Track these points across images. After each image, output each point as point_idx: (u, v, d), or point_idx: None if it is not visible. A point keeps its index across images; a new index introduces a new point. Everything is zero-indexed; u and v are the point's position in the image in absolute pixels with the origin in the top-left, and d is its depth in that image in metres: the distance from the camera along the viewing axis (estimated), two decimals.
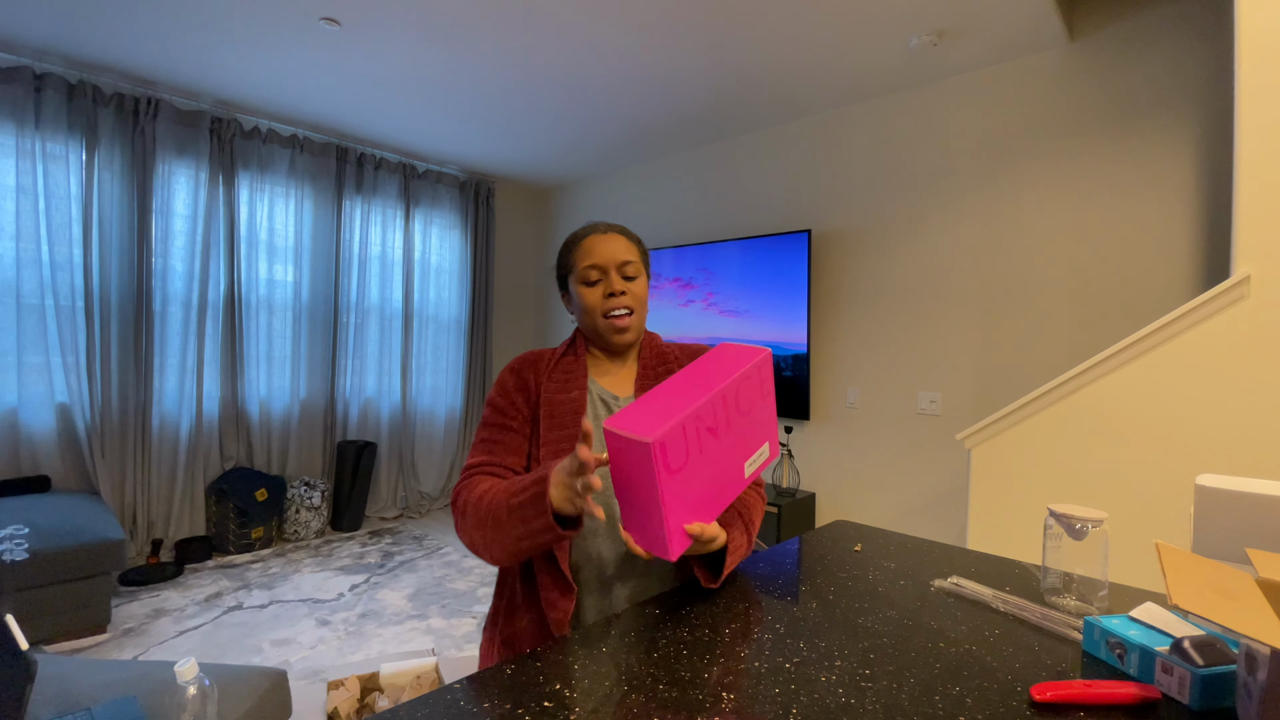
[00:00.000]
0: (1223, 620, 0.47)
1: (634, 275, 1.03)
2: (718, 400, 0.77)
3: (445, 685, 0.62)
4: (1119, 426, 1.75)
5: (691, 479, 0.74)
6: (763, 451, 0.86)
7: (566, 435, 0.94)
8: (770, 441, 0.87)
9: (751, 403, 0.82)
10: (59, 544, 2.23)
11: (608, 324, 1.00)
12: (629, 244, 1.04)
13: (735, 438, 0.80)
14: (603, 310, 1.00)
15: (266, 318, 3.58)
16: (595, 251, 1.01)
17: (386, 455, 4.10)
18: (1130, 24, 2.28)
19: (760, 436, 0.85)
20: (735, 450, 0.80)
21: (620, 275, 1.01)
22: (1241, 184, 1.57)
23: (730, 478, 0.80)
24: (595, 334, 1.03)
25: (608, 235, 1.03)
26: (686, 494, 0.73)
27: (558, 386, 1.00)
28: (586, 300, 1.01)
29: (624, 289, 1.00)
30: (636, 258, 1.04)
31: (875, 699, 0.60)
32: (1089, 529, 0.82)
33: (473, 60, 2.70)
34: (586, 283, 1.01)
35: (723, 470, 0.79)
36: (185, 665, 0.84)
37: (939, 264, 2.77)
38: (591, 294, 1.01)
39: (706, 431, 0.75)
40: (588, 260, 1.01)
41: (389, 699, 1.85)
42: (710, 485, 0.77)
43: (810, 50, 2.53)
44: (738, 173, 3.58)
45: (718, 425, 0.77)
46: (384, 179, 4.01)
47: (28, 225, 2.79)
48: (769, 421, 0.87)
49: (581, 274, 1.01)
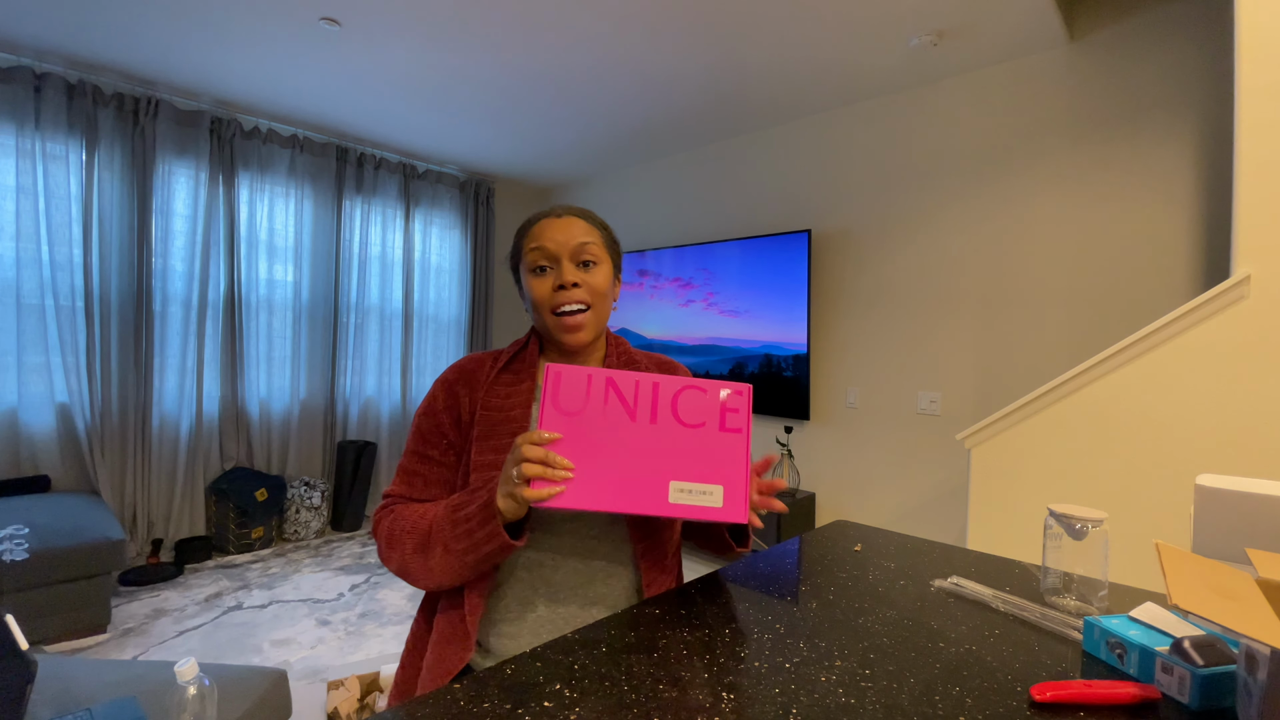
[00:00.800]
0: (1223, 620, 0.47)
1: (593, 261, 0.89)
2: (642, 382, 0.76)
3: (445, 685, 0.62)
4: (1119, 426, 1.75)
5: (584, 436, 0.74)
6: (709, 493, 0.75)
7: (503, 460, 0.82)
8: (728, 493, 0.75)
9: (701, 425, 0.77)
10: (59, 544, 2.23)
11: (556, 321, 0.87)
12: (588, 226, 0.90)
13: (664, 442, 0.75)
14: (551, 305, 0.87)
15: (266, 318, 3.58)
16: (544, 236, 0.88)
17: (386, 455, 4.10)
18: (1130, 24, 2.28)
19: (712, 474, 0.75)
20: (658, 453, 0.75)
21: (574, 263, 0.87)
22: (1241, 184, 1.57)
23: (641, 479, 0.74)
24: (546, 332, 0.90)
25: (563, 219, 0.89)
26: (574, 454, 0.73)
27: (498, 400, 0.87)
28: (534, 292, 0.88)
29: (577, 279, 0.86)
30: (597, 240, 0.90)
31: (875, 699, 0.60)
32: (1089, 529, 0.82)
33: (473, 60, 2.70)
34: (534, 270, 0.88)
35: (631, 462, 0.74)
36: (185, 665, 0.84)
37: (939, 264, 2.77)
38: (539, 285, 0.88)
39: (620, 401, 0.75)
40: (535, 244, 0.88)
41: (389, 699, 1.85)
42: (610, 467, 0.74)
43: (810, 50, 2.53)
44: (738, 173, 3.58)
45: (637, 409, 0.75)
46: (384, 179, 4.01)
47: (28, 225, 2.79)
48: (730, 466, 0.76)
49: (530, 262, 0.88)
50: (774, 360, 3.22)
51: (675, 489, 0.75)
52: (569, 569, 0.86)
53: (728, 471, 0.76)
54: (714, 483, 0.76)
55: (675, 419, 0.77)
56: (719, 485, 0.76)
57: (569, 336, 0.88)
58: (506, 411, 0.87)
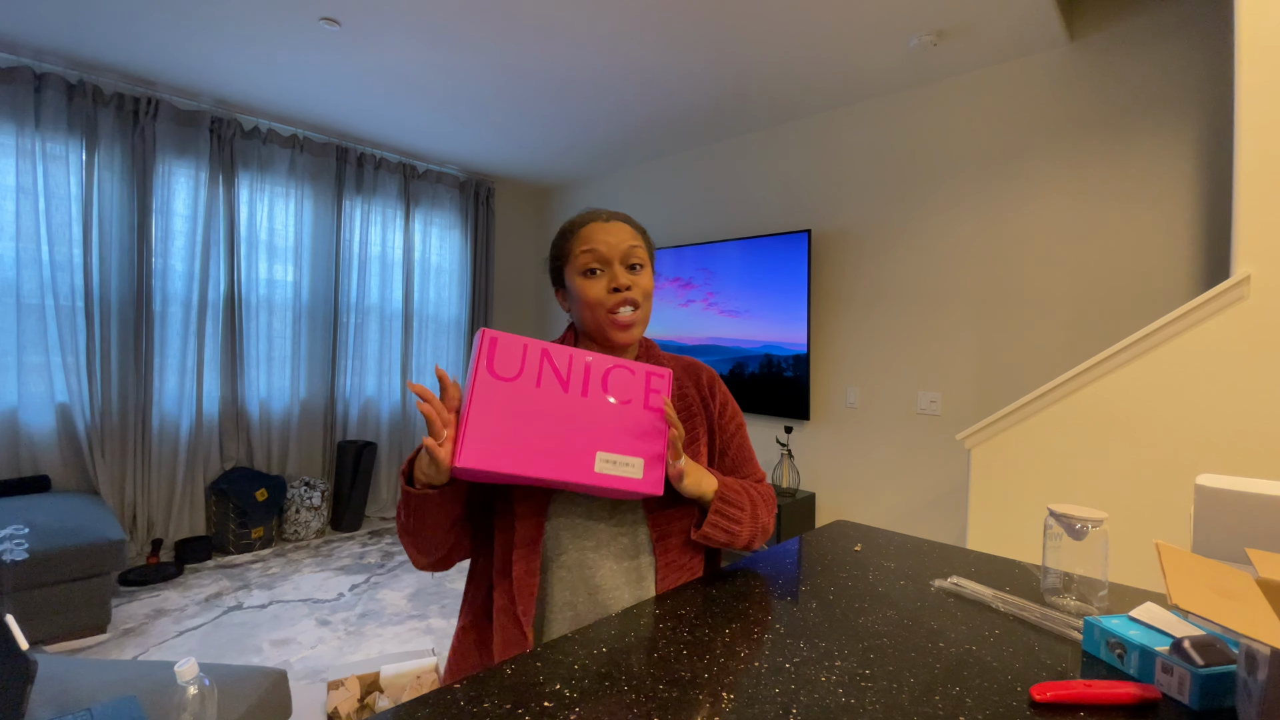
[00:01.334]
0: (1223, 620, 0.47)
1: (639, 264, 0.94)
2: (576, 357, 0.82)
3: (445, 685, 0.62)
4: (1119, 426, 1.75)
5: (516, 403, 0.78)
6: (630, 464, 0.80)
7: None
8: (649, 468, 0.81)
9: (628, 402, 0.83)
10: (59, 544, 2.23)
11: (610, 319, 0.92)
12: (633, 230, 0.95)
13: (593, 414, 0.81)
14: (607, 306, 0.91)
15: (266, 318, 3.58)
16: (596, 239, 0.92)
17: (386, 455, 4.10)
18: (1130, 24, 2.28)
19: (635, 447, 0.81)
20: (587, 425, 0.80)
21: (624, 266, 0.92)
22: (1241, 184, 1.57)
23: (570, 447, 0.79)
24: (597, 330, 0.94)
25: (610, 223, 0.94)
26: (506, 417, 0.77)
27: None
28: (587, 293, 0.92)
29: (629, 282, 0.92)
30: (641, 244, 0.95)
31: (875, 699, 0.60)
32: (1089, 529, 0.82)
33: (473, 60, 2.70)
34: (586, 273, 0.92)
35: (562, 430, 0.79)
36: (185, 665, 0.84)
37: (939, 264, 2.77)
38: (592, 286, 0.92)
39: (554, 373, 0.80)
40: (586, 247, 0.92)
41: (389, 699, 1.85)
42: (542, 434, 0.78)
43: (810, 50, 2.53)
44: (738, 173, 3.58)
45: (570, 382, 0.81)
46: (384, 179, 4.01)
47: (28, 225, 2.80)
48: (651, 441, 0.82)
49: (580, 264, 0.92)
50: (774, 360, 3.22)
51: (601, 459, 0.79)
52: (606, 569, 0.88)
53: (648, 446, 0.82)
54: (636, 455, 0.81)
55: (604, 394, 0.82)
56: (640, 458, 0.81)
57: (622, 335, 0.93)
58: None
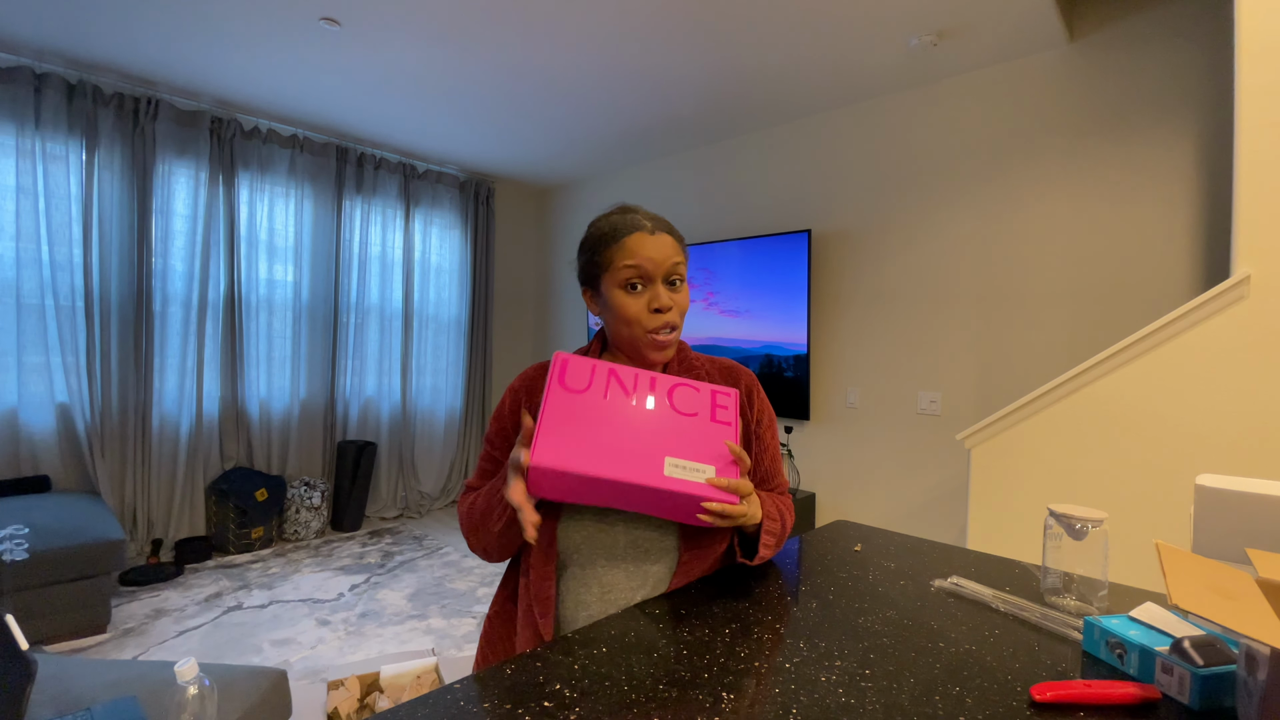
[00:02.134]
0: (1223, 620, 0.47)
1: (679, 283, 0.92)
2: (641, 375, 0.86)
3: (445, 685, 0.62)
4: (1119, 426, 1.75)
5: (586, 410, 0.81)
6: (700, 470, 0.79)
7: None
8: (720, 473, 0.80)
9: (694, 414, 0.85)
10: (59, 544, 2.23)
11: (650, 339, 0.90)
12: (676, 245, 0.92)
13: (660, 424, 0.83)
14: (647, 327, 0.90)
15: (266, 318, 3.58)
16: (641, 254, 0.88)
17: (386, 455, 4.10)
18: (1130, 24, 2.28)
19: (701, 454, 0.81)
20: (655, 433, 0.81)
21: (666, 284, 0.90)
22: (1241, 184, 1.57)
23: (639, 451, 0.79)
24: (630, 346, 0.93)
25: (656, 236, 0.90)
26: (577, 423, 0.79)
27: None
28: (626, 310, 0.89)
29: (671, 303, 0.90)
30: (683, 259, 0.93)
31: (875, 699, 0.60)
32: (1089, 529, 0.82)
33: (472, 60, 2.70)
34: (627, 288, 0.89)
35: (631, 435, 0.80)
36: (185, 665, 0.84)
37: (939, 264, 2.77)
38: (633, 303, 0.89)
39: (620, 387, 0.84)
40: (631, 262, 0.88)
41: (389, 699, 1.85)
42: (612, 437, 0.79)
43: (810, 50, 2.53)
44: (738, 173, 3.58)
45: (635, 394, 0.84)
46: (384, 179, 4.01)
47: (28, 225, 2.80)
48: (720, 451, 0.82)
49: (621, 278, 0.89)
50: (775, 360, 3.22)
51: (670, 464, 0.79)
52: (620, 573, 0.88)
53: (718, 456, 0.82)
54: (706, 462, 0.81)
55: (671, 407, 0.85)
56: (711, 465, 0.81)
57: (659, 355, 0.94)
58: None
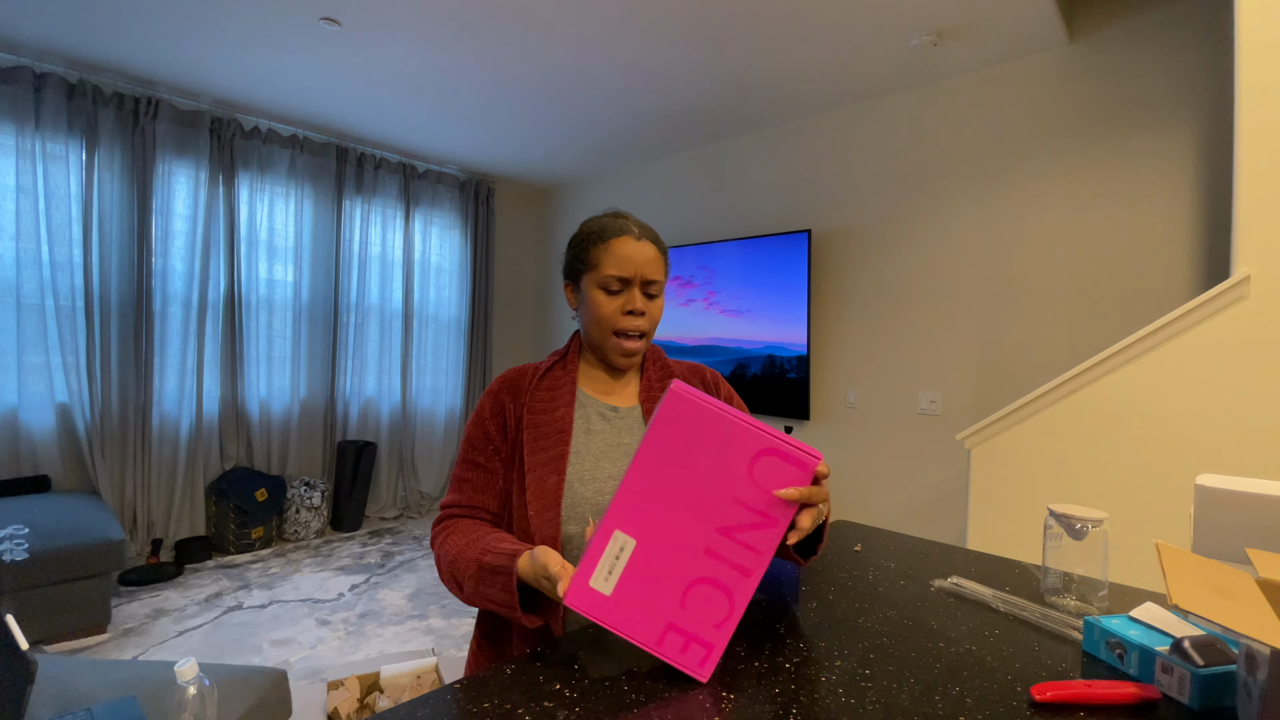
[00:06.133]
0: (1223, 620, 0.47)
1: (656, 293, 0.94)
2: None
3: (445, 685, 0.62)
4: (1119, 426, 1.75)
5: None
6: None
7: (551, 457, 0.88)
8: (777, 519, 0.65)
9: (759, 510, 0.65)
10: (59, 544, 2.23)
11: (615, 343, 0.92)
12: (658, 254, 0.94)
13: (715, 510, 0.65)
14: (615, 327, 0.91)
15: (266, 318, 3.58)
16: (624, 258, 0.90)
17: (386, 455, 4.10)
18: (1130, 24, 2.28)
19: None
20: (705, 522, 0.65)
21: (643, 292, 0.92)
22: (1241, 184, 1.57)
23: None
24: (598, 347, 0.95)
25: (641, 242, 0.92)
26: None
27: (542, 405, 0.92)
28: (600, 309, 0.91)
29: (644, 309, 0.92)
30: (663, 269, 0.94)
31: (875, 699, 0.60)
32: (1089, 529, 0.82)
33: (472, 60, 2.70)
34: (606, 290, 0.91)
35: (683, 540, 0.65)
36: (185, 665, 0.84)
37: (939, 264, 2.77)
38: (608, 304, 0.91)
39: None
40: (613, 267, 0.90)
41: (389, 699, 1.85)
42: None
43: (810, 51, 2.53)
44: (738, 173, 3.58)
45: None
46: (384, 179, 4.01)
47: (28, 225, 2.79)
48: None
49: (602, 278, 0.91)
50: (777, 361, 3.22)
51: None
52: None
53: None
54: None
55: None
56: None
57: (624, 360, 0.94)
58: (551, 412, 0.92)
